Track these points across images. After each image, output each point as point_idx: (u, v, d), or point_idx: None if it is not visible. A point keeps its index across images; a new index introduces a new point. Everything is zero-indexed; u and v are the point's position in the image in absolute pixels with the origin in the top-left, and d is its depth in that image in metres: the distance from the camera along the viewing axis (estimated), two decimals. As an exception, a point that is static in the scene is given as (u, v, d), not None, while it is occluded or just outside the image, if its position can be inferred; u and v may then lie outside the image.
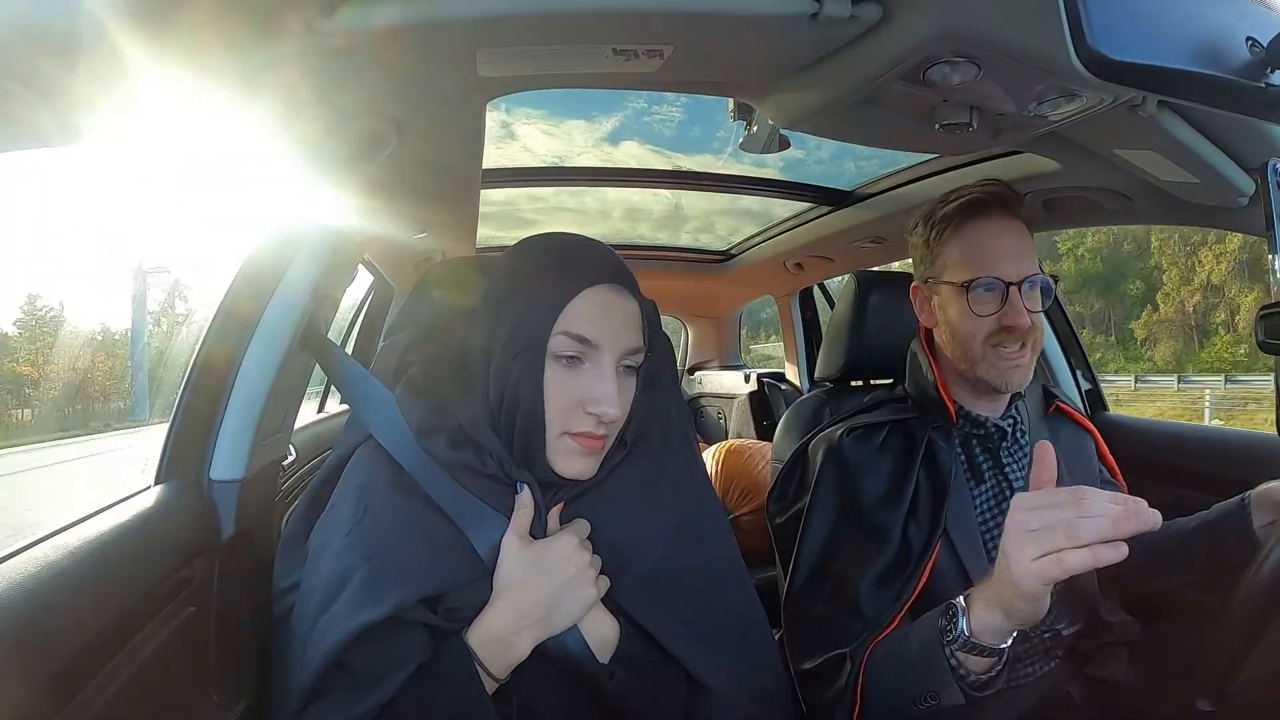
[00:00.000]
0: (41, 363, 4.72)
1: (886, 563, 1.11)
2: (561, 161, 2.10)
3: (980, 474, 1.19)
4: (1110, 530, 0.72)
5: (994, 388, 1.15)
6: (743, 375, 3.35)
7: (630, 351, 0.90)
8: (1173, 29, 0.72)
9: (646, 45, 0.88)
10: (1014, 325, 1.11)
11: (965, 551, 1.13)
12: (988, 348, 1.13)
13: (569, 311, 0.86)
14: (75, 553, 0.79)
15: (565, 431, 0.87)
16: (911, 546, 1.12)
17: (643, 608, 0.90)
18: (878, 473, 1.19)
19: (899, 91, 0.94)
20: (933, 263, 1.20)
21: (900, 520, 1.13)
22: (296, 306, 1.14)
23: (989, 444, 1.20)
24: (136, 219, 11.42)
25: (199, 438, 1.09)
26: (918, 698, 0.95)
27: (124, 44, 0.54)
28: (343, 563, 0.84)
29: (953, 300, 1.16)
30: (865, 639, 1.06)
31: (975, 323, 1.13)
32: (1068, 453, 1.24)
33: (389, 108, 1.00)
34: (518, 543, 0.86)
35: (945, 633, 0.90)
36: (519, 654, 0.83)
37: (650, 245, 3.04)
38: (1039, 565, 0.76)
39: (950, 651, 0.90)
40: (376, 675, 0.81)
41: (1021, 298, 1.11)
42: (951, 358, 1.19)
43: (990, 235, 1.14)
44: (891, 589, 1.10)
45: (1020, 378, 1.14)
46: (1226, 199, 1.20)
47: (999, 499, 1.18)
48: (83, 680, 0.73)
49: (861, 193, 2.00)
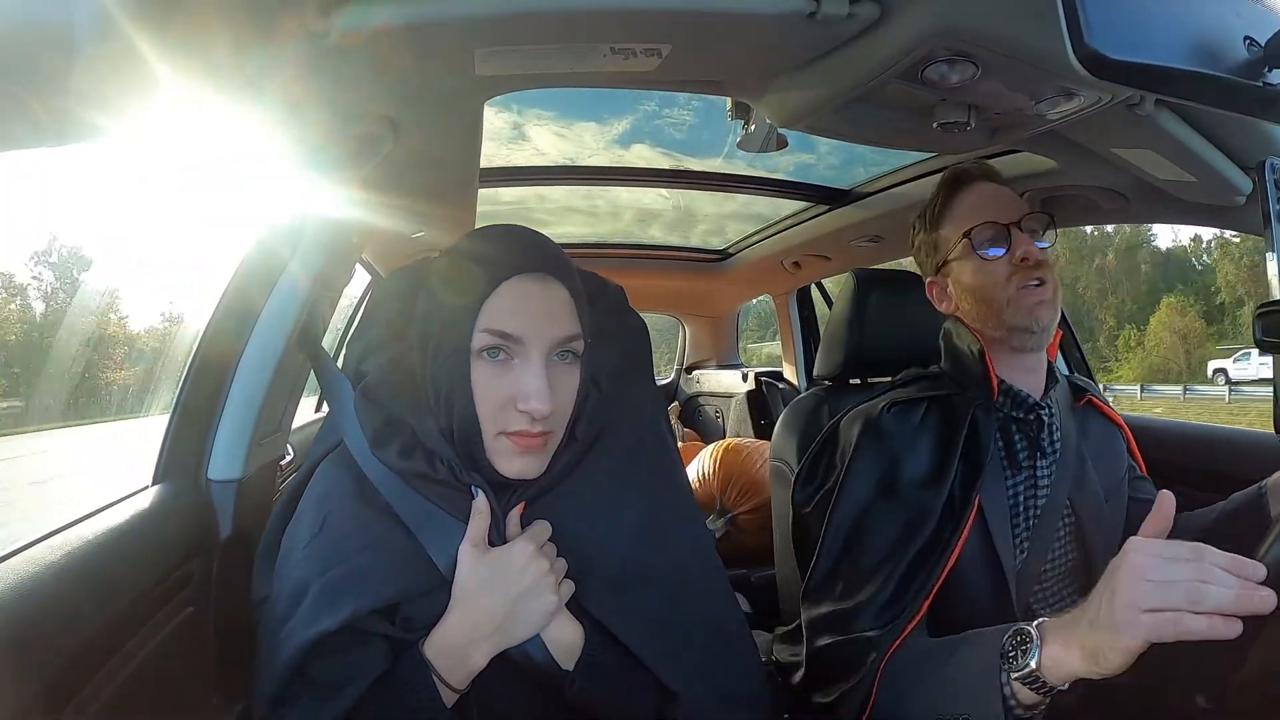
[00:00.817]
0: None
1: (922, 544, 1.08)
2: (571, 163, 2.10)
3: (1017, 463, 1.16)
4: (1231, 605, 0.69)
5: (1025, 330, 1.12)
6: (740, 374, 3.35)
7: (561, 341, 0.86)
8: (1171, 28, 0.72)
9: (644, 44, 0.88)
10: (1026, 255, 1.11)
11: (1000, 542, 1.10)
12: (1011, 289, 1.12)
13: (488, 307, 0.84)
14: (73, 553, 0.79)
15: (501, 431, 0.85)
16: (944, 529, 1.09)
17: (609, 611, 0.88)
18: (918, 451, 1.16)
19: (897, 90, 0.94)
20: (936, 249, 1.22)
21: (941, 503, 1.10)
22: (293, 306, 1.14)
23: (1027, 429, 1.17)
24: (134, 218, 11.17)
25: (197, 437, 1.09)
26: (950, 717, 0.90)
27: (122, 45, 0.53)
28: (300, 575, 0.83)
29: (964, 264, 1.17)
30: (893, 627, 1.03)
31: (989, 271, 1.13)
32: (1097, 446, 1.24)
33: (386, 107, 1.00)
34: (473, 551, 0.84)
35: (1009, 660, 0.85)
36: (476, 665, 0.82)
37: (648, 244, 3.04)
38: (1152, 620, 0.71)
39: (1008, 679, 0.85)
40: (335, 686, 0.80)
41: (1024, 233, 1.12)
42: (980, 324, 1.18)
43: (978, 195, 1.18)
44: (919, 579, 1.07)
45: (1048, 314, 1.13)
46: (1224, 198, 1.20)
47: (1028, 492, 1.15)
48: (81, 680, 0.73)
49: (859, 191, 2.00)
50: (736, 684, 0.96)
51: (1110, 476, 1.23)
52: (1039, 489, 1.15)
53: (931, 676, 0.97)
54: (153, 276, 3.38)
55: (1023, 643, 0.85)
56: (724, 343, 3.85)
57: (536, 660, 0.83)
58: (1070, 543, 1.17)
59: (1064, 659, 0.81)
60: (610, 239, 2.95)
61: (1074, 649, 0.80)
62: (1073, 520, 1.17)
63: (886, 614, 1.05)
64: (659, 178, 2.19)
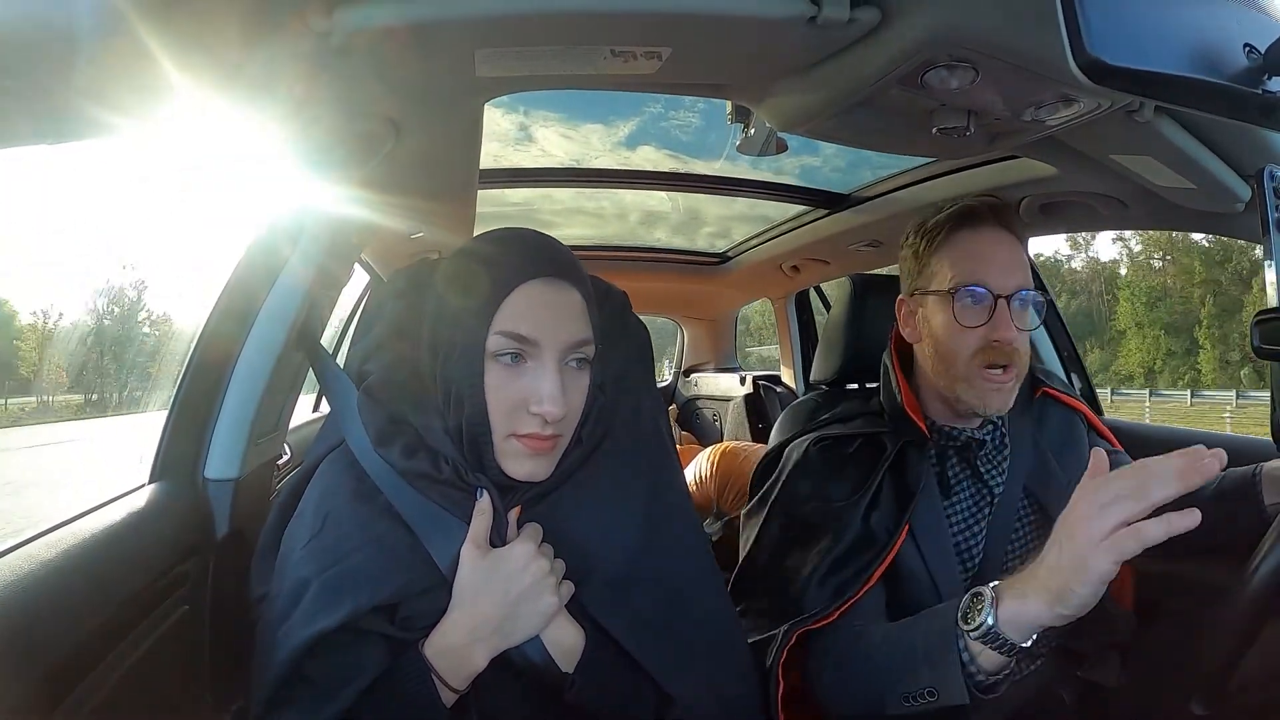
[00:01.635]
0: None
1: (844, 549, 1.09)
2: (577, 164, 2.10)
3: (949, 487, 1.16)
4: (1177, 482, 0.72)
5: (973, 410, 1.11)
6: (738, 378, 3.35)
7: (574, 345, 0.87)
8: (1170, 35, 0.72)
9: (645, 47, 0.88)
10: (1001, 339, 1.06)
11: (934, 559, 1.11)
12: (972, 367, 1.08)
13: (504, 310, 0.84)
14: (69, 551, 0.79)
15: (511, 433, 0.85)
16: (874, 535, 1.10)
17: (609, 613, 0.88)
18: (843, 477, 1.16)
19: (896, 95, 0.94)
20: (920, 273, 1.17)
21: (861, 511, 1.11)
22: (293, 305, 1.14)
23: (965, 455, 1.17)
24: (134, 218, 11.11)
25: (194, 436, 1.09)
26: (912, 694, 0.91)
27: (122, 43, 0.53)
28: (300, 573, 0.83)
29: (938, 311, 1.12)
30: (798, 621, 1.04)
31: (961, 337, 1.09)
32: (1056, 435, 1.24)
33: (387, 107, 1.00)
34: (475, 551, 0.84)
35: (966, 618, 0.87)
36: (476, 665, 0.82)
37: (647, 247, 3.04)
38: (1111, 541, 0.74)
39: (965, 644, 0.86)
40: (334, 686, 0.80)
41: (1010, 313, 1.07)
42: (931, 374, 1.16)
43: (981, 244, 1.11)
44: (843, 575, 1.07)
45: (1001, 402, 1.10)
46: (1223, 205, 1.20)
47: (977, 507, 1.16)
48: (76, 678, 0.73)
49: (858, 196, 2.00)
50: (732, 687, 0.96)
51: (1076, 465, 1.19)
52: (991, 490, 1.16)
53: (891, 654, 0.97)
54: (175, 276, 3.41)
55: (978, 602, 0.86)
56: (722, 346, 3.85)
57: (536, 662, 0.83)
58: (1031, 532, 1.18)
59: (1023, 610, 0.82)
60: (616, 241, 2.94)
61: (1032, 597, 0.81)
62: (1031, 509, 1.18)
63: (815, 599, 1.07)
64: (663, 180, 2.19)
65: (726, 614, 1.02)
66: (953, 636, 0.88)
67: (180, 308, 4.67)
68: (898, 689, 0.93)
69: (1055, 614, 0.80)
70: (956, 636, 0.87)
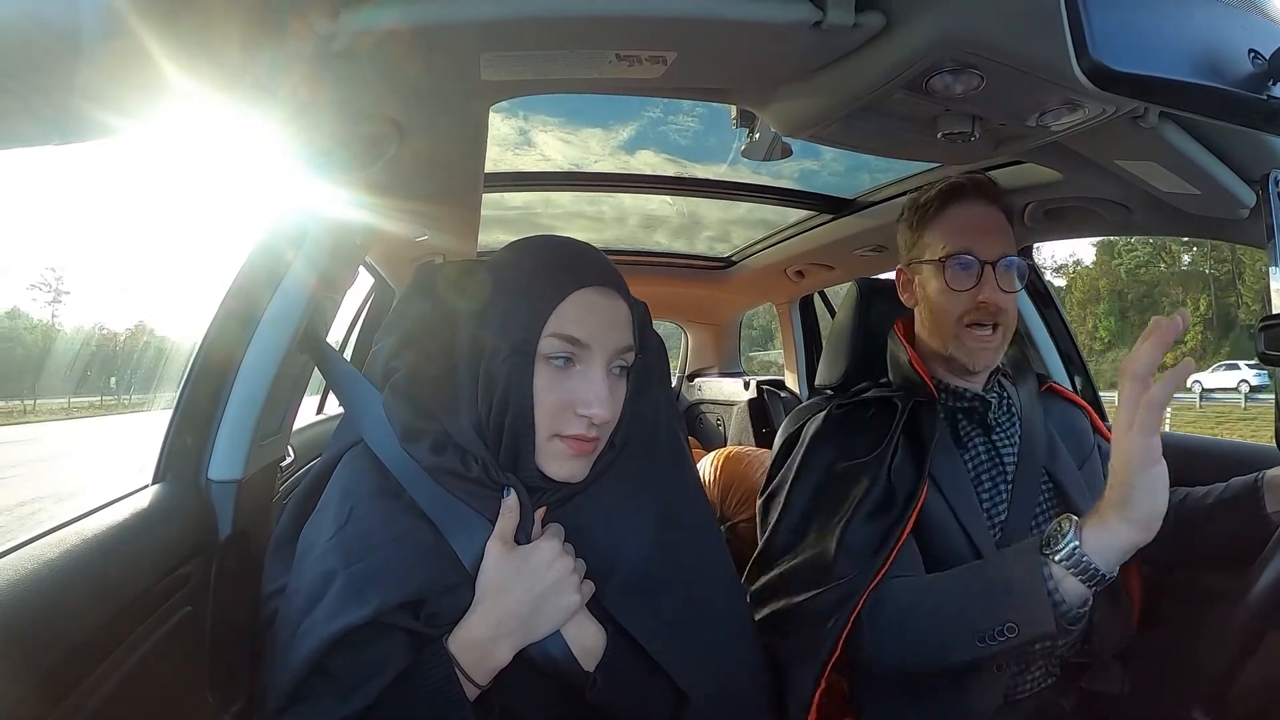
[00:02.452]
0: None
1: (872, 502, 1.12)
2: (577, 169, 2.11)
3: (962, 441, 1.22)
4: (1153, 349, 0.80)
5: (964, 367, 1.21)
6: (742, 382, 3.35)
7: (621, 351, 0.89)
8: (1175, 40, 0.72)
9: (650, 51, 0.88)
10: (988, 300, 1.16)
11: (961, 508, 1.14)
12: (960, 327, 1.19)
13: (559, 313, 0.85)
14: (72, 551, 0.79)
15: (555, 434, 0.87)
16: (896, 490, 1.13)
17: (629, 614, 0.89)
18: (863, 438, 1.21)
19: (901, 100, 0.94)
20: (914, 245, 1.28)
21: (884, 467, 1.14)
22: (297, 308, 1.14)
23: (973, 415, 1.24)
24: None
25: (197, 437, 1.09)
26: (989, 632, 0.93)
27: (127, 45, 0.54)
28: (324, 567, 0.83)
29: (932, 278, 1.22)
30: (859, 577, 1.05)
31: (951, 299, 1.19)
32: (1060, 425, 1.30)
33: (391, 110, 1.00)
34: (501, 548, 0.85)
35: (1050, 543, 0.90)
36: (499, 660, 0.83)
37: (652, 251, 3.04)
38: (1135, 421, 0.81)
39: (1050, 571, 0.89)
40: (357, 680, 0.81)
41: (996, 277, 1.17)
42: (928, 338, 1.26)
43: (968, 216, 1.21)
44: (879, 526, 1.10)
45: (988, 359, 1.20)
46: (1227, 210, 1.20)
47: (991, 464, 1.21)
48: (78, 679, 0.73)
49: (863, 201, 2.00)
50: (747, 688, 0.98)
51: (1077, 452, 1.28)
52: (1004, 459, 1.21)
53: (961, 591, 1.00)
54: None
55: (1060, 528, 0.90)
56: (726, 351, 3.85)
57: (558, 660, 0.85)
58: (1053, 510, 1.21)
59: (1103, 531, 0.86)
60: (616, 245, 2.95)
61: (1110, 516, 0.86)
62: (1052, 487, 1.22)
63: (849, 569, 1.08)
64: (664, 184, 2.20)
65: (742, 614, 1.03)
66: (1038, 564, 0.90)
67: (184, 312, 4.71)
68: (970, 629, 0.95)
69: (1128, 526, 0.84)
70: (1042, 563, 0.90)
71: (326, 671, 0.81)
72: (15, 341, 10.10)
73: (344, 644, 0.80)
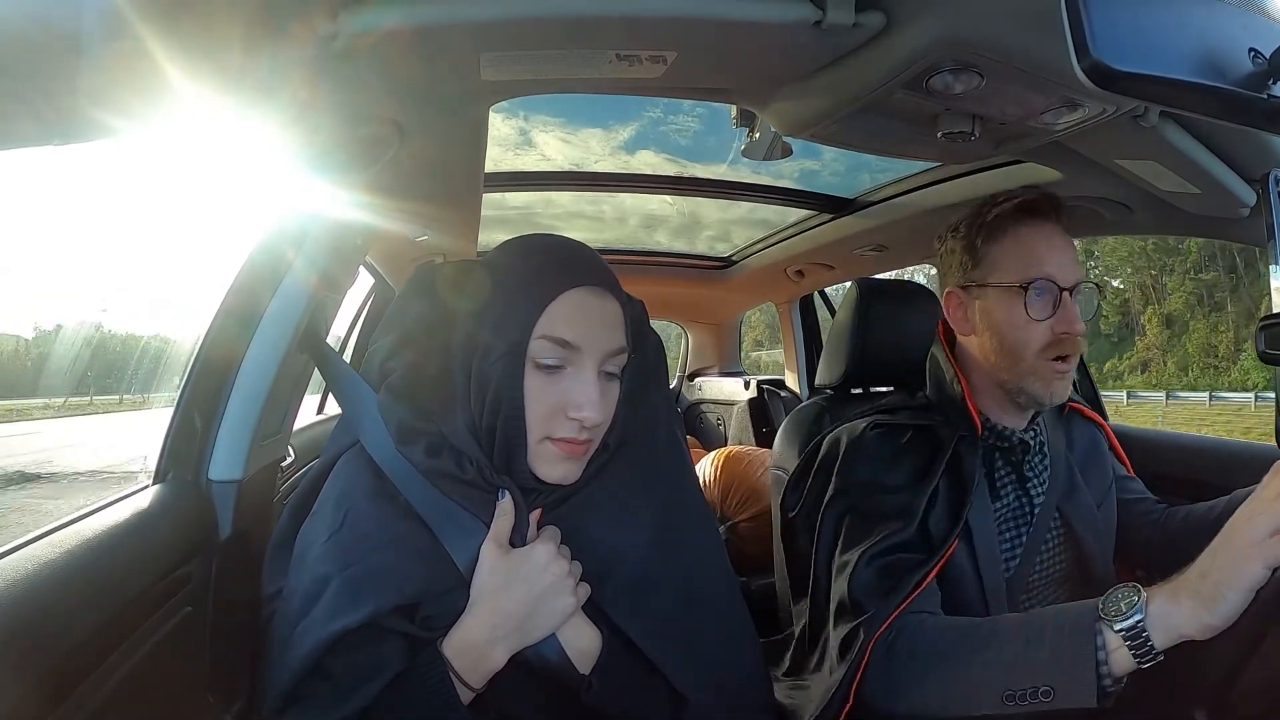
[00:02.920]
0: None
1: (905, 537, 1.07)
2: (578, 169, 2.11)
3: (997, 490, 1.16)
4: None
5: (1037, 400, 1.12)
6: (742, 382, 3.35)
7: (612, 353, 0.89)
8: (1175, 40, 0.72)
9: (650, 51, 0.88)
10: (1069, 331, 1.08)
11: (983, 560, 1.10)
12: (1040, 361, 1.09)
13: (548, 315, 0.85)
14: (72, 551, 0.79)
15: (547, 437, 0.86)
16: (931, 535, 1.08)
17: (626, 616, 0.89)
18: (900, 466, 1.15)
19: (901, 100, 0.94)
20: (977, 265, 1.15)
21: (921, 505, 1.09)
22: (297, 308, 1.14)
23: (1012, 456, 1.17)
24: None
25: (198, 437, 1.09)
26: (1022, 692, 0.85)
27: (128, 46, 0.54)
28: (320, 569, 0.83)
29: (1002, 304, 1.12)
30: (878, 614, 1.00)
31: (1030, 330, 1.09)
32: (1084, 450, 1.25)
33: (392, 110, 1.00)
34: (496, 551, 0.85)
35: (1111, 609, 0.82)
36: (495, 664, 0.82)
37: (652, 251, 3.05)
38: (1265, 545, 0.75)
39: (1104, 640, 0.81)
40: (353, 683, 0.81)
41: (1073, 304, 1.09)
42: (991, 367, 1.15)
43: (1045, 237, 1.11)
44: (905, 563, 1.05)
45: (1064, 390, 1.12)
46: (1227, 210, 1.20)
47: (1018, 512, 1.16)
48: (78, 679, 0.73)
49: (863, 200, 2.00)
50: (745, 690, 0.97)
51: (1100, 482, 1.24)
52: (1033, 507, 1.16)
53: (998, 643, 0.91)
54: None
55: (1125, 596, 0.82)
56: (726, 350, 3.85)
57: (553, 663, 0.84)
58: (1060, 549, 1.18)
59: (1174, 611, 0.79)
60: (616, 244, 2.95)
61: (1184, 600, 0.79)
62: (1061, 527, 1.18)
63: (875, 594, 1.03)
64: (664, 184, 2.20)
65: (740, 617, 1.02)
66: (1091, 630, 0.83)
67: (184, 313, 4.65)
68: (1001, 685, 0.87)
69: (1201, 621, 0.77)
70: (1097, 631, 0.83)
71: (323, 674, 0.81)
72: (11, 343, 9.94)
73: (340, 647, 0.80)
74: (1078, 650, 0.83)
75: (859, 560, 1.06)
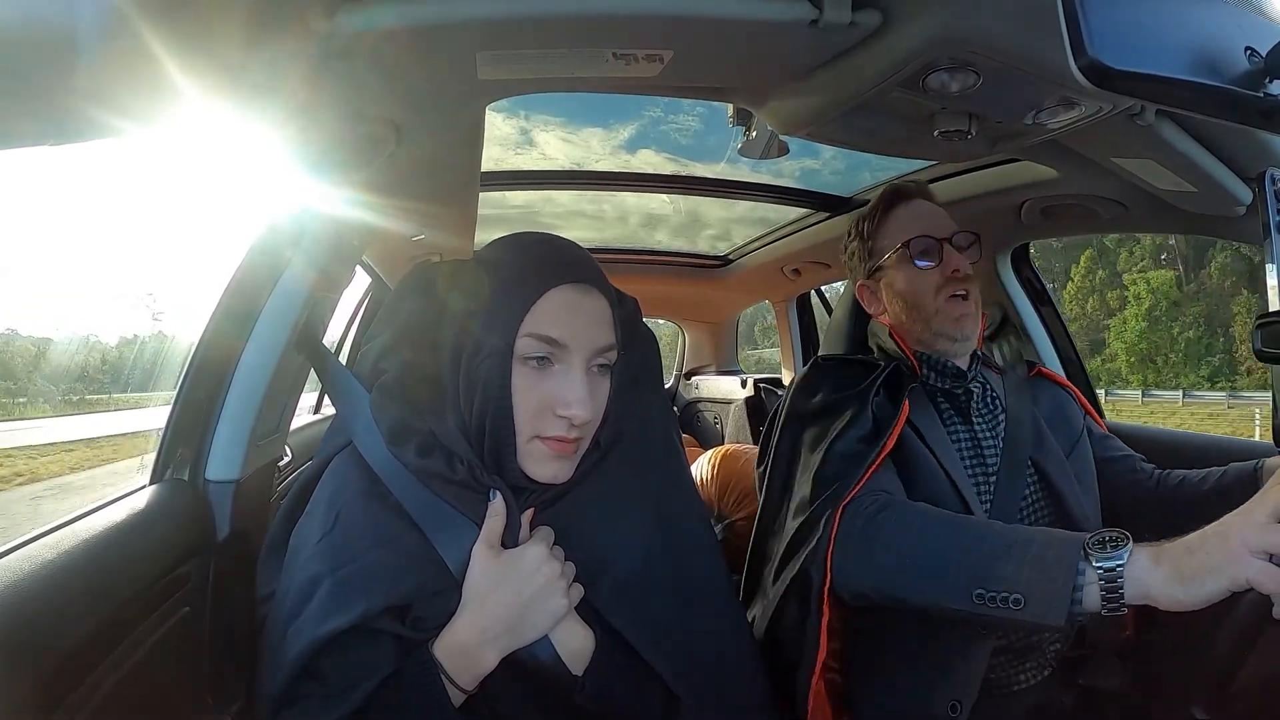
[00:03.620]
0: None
1: (855, 431, 1.15)
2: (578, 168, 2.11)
3: (945, 423, 1.22)
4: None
5: (949, 336, 1.23)
6: (739, 380, 3.35)
7: (601, 350, 0.88)
8: (1172, 38, 0.72)
9: (646, 50, 0.88)
10: (956, 268, 1.21)
11: (941, 450, 1.16)
12: (940, 300, 1.22)
13: (535, 312, 0.84)
14: (70, 551, 0.79)
15: (536, 435, 0.86)
16: (878, 418, 1.17)
17: (620, 614, 0.88)
18: (843, 383, 1.24)
19: (898, 98, 0.94)
20: (870, 254, 1.32)
21: (867, 402, 1.18)
22: (294, 308, 1.14)
23: (955, 401, 1.24)
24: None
25: (195, 438, 1.09)
26: (995, 592, 0.87)
27: (125, 45, 0.54)
28: (312, 570, 0.83)
29: (898, 272, 1.27)
30: (830, 497, 1.07)
31: (921, 279, 1.24)
32: (1049, 410, 1.30)
33: (388, 110, 1.00)
34: (487, 552, 0.84)
35: (1100, 546, 0.83)
36: (486, 665, 0.82)
37: (649, 249, 3.05)
38: (1262, 565, 0.73)
39: (1083, 570, 0.82)
40: (344, 684, 0.80)
41: (954, 250, 1.23)
42: (908, 327, 1.28)
43: (914, 211, 1.29)
44: (861, 448, 1.13)
45: (970, 325, 1.23)
46: (1224, 208, 1.20)
47: (973, 453, 1.20)
48: (76, 679, 0.73)
49: (860, 199, 2.01)
50: (740, 690, 0.97)
51: (1066, 436, 1.29)
52: (984, 451, 1.21)
53: (983, 539, 0.93)
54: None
55: (1114, 539, 0.83)
56: (723, 349, 3.85)
57: (546, 664, 0.84)
58: (1040, 499, 1.21)
59: (1150, 572, 0.79)
60: (617, 243, 2.95)
61: (1164, 566, 0.79)
62: (1037, 478, 1.21)
63: (838, 477, 1.10)
64: (664, 183, 2.20)
65: (736, 616, 1.02)
66: (1075, 554, 0.84)
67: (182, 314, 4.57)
68: (973, 577, 0.89)
69: (1172, 594, 0.78)
70: (1080, 557, 0.84)
71: (315, 675, 0.81)
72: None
73: (332, 648, 0.79)
74: (1059, 569, 0.84)
75: (817, 460, 1.13)
